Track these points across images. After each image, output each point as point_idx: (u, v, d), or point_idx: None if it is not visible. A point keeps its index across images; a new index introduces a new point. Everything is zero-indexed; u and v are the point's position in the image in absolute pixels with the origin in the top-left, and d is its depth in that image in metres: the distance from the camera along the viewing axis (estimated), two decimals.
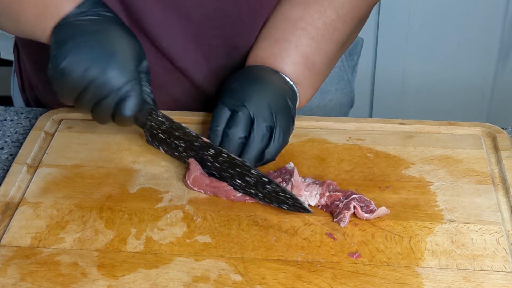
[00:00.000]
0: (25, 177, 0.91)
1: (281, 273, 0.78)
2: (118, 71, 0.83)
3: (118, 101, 0.84)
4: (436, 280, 0.77)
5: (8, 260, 0.80)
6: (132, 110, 0.85)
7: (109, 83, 0.83)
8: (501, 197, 0.88)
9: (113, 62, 0.83)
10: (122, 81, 0.83)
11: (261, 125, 0.87)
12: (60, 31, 0.86)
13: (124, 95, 0.84)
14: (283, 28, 0.94)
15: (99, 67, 0.83)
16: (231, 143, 0.87)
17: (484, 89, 2.06)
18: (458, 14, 1.94)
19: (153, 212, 0.86)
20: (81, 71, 0.83)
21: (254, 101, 0.88)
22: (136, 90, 0.84)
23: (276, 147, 0.88)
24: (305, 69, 0.93)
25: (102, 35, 0.85)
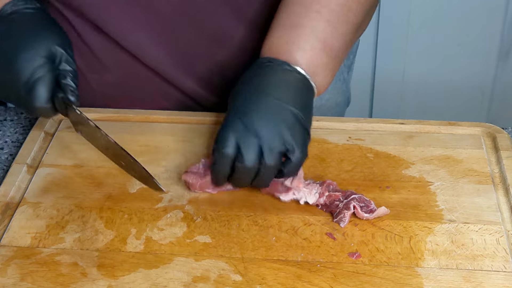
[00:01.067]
0: (25, 177, 0.91)
1: (281, 273, 0.78)
2: (20, 65, 0.85)
3: (27, 93, 0.86)
4: (436, 280, 0.77)
5: (8, 260, 0.80)
6: (39, 100, 0.86)
7: (16, 79, 0.86)
8: (501, 197, 0.88)
9: (18, 56, 0.86)
10: (28, 72, 0.85)
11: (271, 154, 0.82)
12: None
13: (31, 86, 0.85)
14: (297, 13, 0.90)
15: (6, 66, 0.86)
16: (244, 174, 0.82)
17: (484, 89, 2.06)
18: (458, 14, 1.94)
19: (153, 212, 0.86)
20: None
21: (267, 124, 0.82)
22: (44, 79, 0.85)
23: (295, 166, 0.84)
24: (323, 55, 0.89)
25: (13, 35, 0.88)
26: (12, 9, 0.90)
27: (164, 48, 0.99)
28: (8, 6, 0.90)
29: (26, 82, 0.85)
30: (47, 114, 0.88)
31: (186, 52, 1.00)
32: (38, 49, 0.87)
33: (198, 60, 1.02)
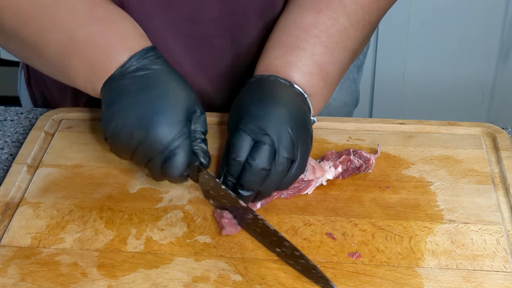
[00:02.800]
0: (25, 177, 0.91)
1: (281, 273, 0.78)
2: (161, 131, 0.80)
3: (164, 161, 0.81)
4: (436, 280, 0.77)
5: (8, 260, 0.80)
6: (178, 169, 0.81)
7: (154, 144, 0.80)
8: (501, 197, 0.88)
9: (157, 121, 0.80)
10: (167, 140, 0.80)
11: (283, 159, 0.82)
12: (107, 91, 0.83)
13: (170, 153, 0.81)
14: (297, 35, 0.91)
15: (143, 129, 0.80)
16: (254, 174, 0.82)
17: (484, 89, 2.06)
18: (458, 14, 1.94)
19: (153, 212, 0.86)
20: (128, 135, 0.81)
21: (277, 130, 0.83)
22: (183, 147, 0.81)
23: (292, 179, 0.85)
24: (320, 80, 0.90)
25: (145, 94, 0.82)
26: (139, 65, 0.83)
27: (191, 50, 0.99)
28: (134, 60, 0.82)
29: (165, 148, 0.80)
30: (180, 181, 0.84)
31: (209, 55, 1.00)
32: (177, 112, 0.81)
33: (217, 63, 1.02)
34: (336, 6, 0.91)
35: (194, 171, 0.83)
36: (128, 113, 0.81)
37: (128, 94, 0.82)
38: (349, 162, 0.90)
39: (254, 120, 0.83)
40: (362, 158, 0.90)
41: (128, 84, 0.82)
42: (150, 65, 0.83)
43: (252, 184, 0.82)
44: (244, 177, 0.82)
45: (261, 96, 0.86)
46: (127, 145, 0.82)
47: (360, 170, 0.90)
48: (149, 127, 0.80)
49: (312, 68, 0.89)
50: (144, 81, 0.82)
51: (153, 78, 0.83)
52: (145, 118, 0.81)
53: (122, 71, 0.82)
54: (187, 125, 0.82)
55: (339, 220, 0.85)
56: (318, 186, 0.89)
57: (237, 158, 0.83)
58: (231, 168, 0.83)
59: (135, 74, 0.82)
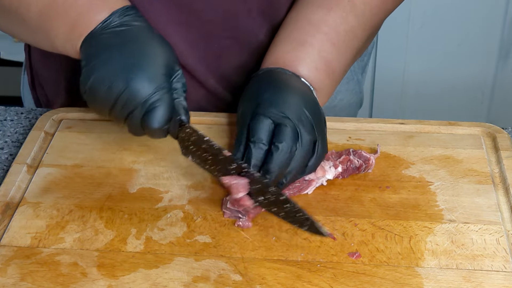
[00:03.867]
0: (25, 177, 0.91)
1: (281, 273, 0.78)
2: (142, 83, 0.80)
3: (145, 113, 0.81)
4: (436, 280, 0.77)
5: (8, 260, 0.80)
6: (159, 122, 0.81)
7: (134, 96, 0.81)
8: (501, 197, 0.88)
9: (137, 74, 0.81)
10: (148, 93, 0.81)
11: (306, 139, 0.84)
12: (87, 47, 0.84)
13: (151, 106, 0.81)
14: (306, 31, 0.92)
15: (122, 82, 0.80)
16: (281, 157, 0.82)
17: (484, 89, 2.06)
18: (458, 14, 1.94)
19: (153, 212, 0.86)
20: (107, 88, 0.81)
21: (296, 113, 0.84)
22: (164, 101, 0.81)
23: (319, 159, 0.86)
24: (326, 76, 0.91)
25: (126, 48, 0.83)
26: (120, 21, 0.84)
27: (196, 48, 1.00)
28: (115, 17, 0.84)
29: (146, 100, 0.81)
30: (159, 136, 0.84)
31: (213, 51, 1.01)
32: (159, 66, 0.82)
33: (221, 59, 1.02)
34: (346, 5, 0.93)
35: (174, 126, 0.84)
36: (108, 65, 0.81)
37: (109, 48, 0.82)
38: (349, 162, 0.90)
39: (272, 105, 0.85)
40: (362, 158, 0.90)
41: (108, 38, 0.83)
42: (130, 21, 0.84)
43: (279, 168, 0.82)
44: (271, 162, 0.82)
45: (274, 85, 0.88)
46: (106, 98, 0.82)
47: (360, 170, 0.90)
48: (129, 79, 0.80)
49: (319, 64, 0.91)
50: (124, 35, 0.83)
51: (133, 33, 0.84)
52: (126, 70, 0.81)
53: (103, 27, 0.83)
54: (167, 80, 0.82)
55: (339, 220, 0.85)
56: (318, 186, 0.89)
57: (257, 141, 0.83)
58: (253, 153, 0.83)
59: (116, 30, 0.83)
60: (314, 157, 0.85)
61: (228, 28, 0.99)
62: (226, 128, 0.99)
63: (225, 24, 0.98)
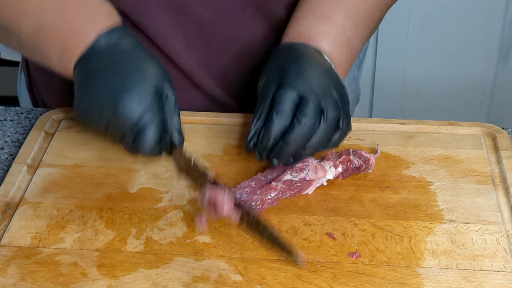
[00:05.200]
0: (25, 177, 0.91)
1: (281, 273, 0.78)
2: (128, 107, 0.80)
3: (135, 137, 0.81)
4: (436, 280, 0.77)
5: (8, 260, 0.80)
6: (149, 145, 0.81)
7: (123, 121, 0.80)
8: (501, 197, 0.88)
9: (123, 99, 0.80)
10: (135, 116, 0.80)
11: (331, 116, 0.84)
12: (77, 72, 0.84)
13: (140, 130, 0.81)
14: (326, 6, 0.92)
15: (110, 107, 0.80)
16: (302, 131, 0.82)
17: (484, 89, 2.06)
18: (458, 14, 1.94)
19: (153, 212, 0.86)
20: (97, 115, 0.81)
21: (323, 89, 0.84)
22: (153, 123, 0.81)
23: (344, 134, 0.86)
24: (346, 52, 0.91)
25: (111, 73, 0.82)
26: (107, 43, 0.83)
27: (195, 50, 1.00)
28: (102, 40, 0.83)
29: (134, 125, 0.80)
30: (153, 157, 0.84)
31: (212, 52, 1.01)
32: (144, 88, 0.81)
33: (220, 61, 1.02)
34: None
35: (166, 148, 0.84)
36: (96, 92, 0.81)
37: (96, 73, 0.82)
38: (349, 162, 0.90)
39: (299, 78, 0.84)
40: (362, 158, 0.90)
41: (95, 63, 0.83)
42: (118, 42, 0.84)
43: (298, 141, 0.82)
44: (291, 134, 0.82)
45: (301, 58, 0.87)
46: (98, 125, 0.82)
47: (360, 170, 0.90)
48: (116, 104, 0.80)
49: (342, 41, 0.91)
50: (111, 58, 0.83)
51: (120, 56, 0.83)
52: (112, 95, 0.81)
53: (90, 50, 0.83)
54: (156, 101, 0.82)
55: (339, 220, 0.85)
56: (318, 186, 0.89)
57: (281, 112, 0.82)
58: (275, 124, 0.83)
59: (103, 53, 0.83)
60: (339, 132, 0.85)
61: (225, 28, 0.98)
62: (226, 128, 0.99)
63: (222, 23, 0.98)
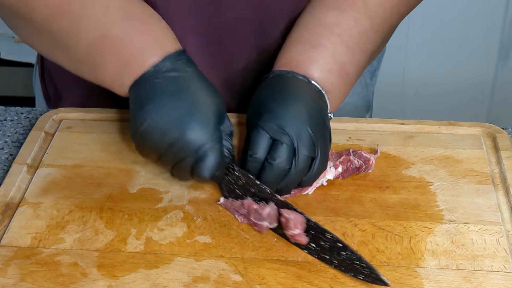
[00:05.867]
0: (25, 177, 0.91)
1: (281, 273, 0.78)
2: (196, 132, 0.81)
3: (196, 161, 0.82)
4: (436, 280, 0.77)
5: (8, 260, 0.80)
6: (210, 170, 0.83)
7: (188, 145, 0.82)
8: (501, 197, 0.88)
9: (192, 124, 0.81)
10: (201, 142, 0.82)
11: (303, 157, 0.83)
12: (139, 89, 0.83)
13: (203, 155, 0.82)
14: (319, 33, 0.91)
15: (177, 130, 0.81)
16: (274, 173, 0.83)
17: (484, 89, 2.06)
18: (458, 14, 1.94)
19: (153, 212, 0.86)
20: (160, 135, 0.81)
21: (296, 129, 0.84)
22: (215, 150, 0.82)
23: (315, 176, 0.86)
24: (339, 78, 0.90)
25: (180, 95, 0.83)
26: (173, 66, 0.83)
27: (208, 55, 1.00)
28: (167, 61, 0.83)
29: (197, 150, 0.82)
30: (206, 182, 0.87)
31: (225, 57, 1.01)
32: (210, 115, 0.83)
33: (230, 66, 1.02)
34: (359, 7, 0.92)
35: (221, 172, 0.85)
36: (162, 112, 0.82)
37: (162, 94, 0.82)
38: (349, 162, 0.90)
39: (273, 118, 0.84)
40: (362, 158, 0.90)
41: (162, 84, 0.83)
42: (183, 67, 0.84)
43: (271, 183, 0.83)
44: (263, 176, 0.83)
45: (280, 94, 0.87)
46: (159, 145, 0.82)
47: (360, 170, 0.90)
48: (184, 128, 0.81)
49: (333, 66, 0.90)
50: (178, 82, 0.83)
51: (187, 80, 0.84)
52: (180, 119, 0.81)
53: (156, 70, 0.83)
54: (218, 129, 0.84)
55: (339, 220, 0.85)
56: (318, 186, 0.89)
57: (254, 155, 0.84)
58: (249, 166, 0.84)
59: (169, 75, 0.83)
60: (309, 174, 0.85)
61: (234, 34, 0.98)
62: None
63: (232, 29, 0.98)
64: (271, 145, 0.84)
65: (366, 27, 0.92)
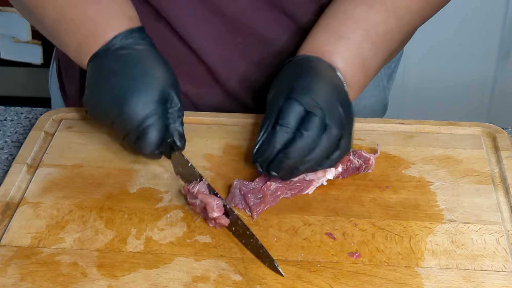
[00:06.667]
0: (25, 177, 0.91)
1: None
2: (134, 109, 0.85)
3: (137, 137, 0.85)
4: (436, 280, 0.77)
5: (8, 260, 0.80)
6: (150, 146, 0.85)
7: (127, 121, 0.85)
8: (501, 197, 0.88)
9: (131, 100, 0.85)
10: (139, 118, 0.84)
11: (333, 134, 0.84)
12: (90, 68, 0.89)
13: (143, 131, 0.85)
14: (347, 25, 0.92)
15: (117, 107, 0.85)
16: (303, 145, 0.83)
17: (484, 89, 2.06)
18: (458, 14, 1.94)
19: (153, 212, 0.86)
20: (104, 112, 0.87)
21: (329, 105, 0.84)
22: (156, 126, 0.85)
23: (339, 156, 0.86)
24: (360, 72, 0.91)
25: (122, 74, 0.86)
26: (122, 44, 0.88)
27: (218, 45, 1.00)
28: (117, 40, 0.88)
29: (138, 126, 0.85)
30: (153, 158, 0.89)
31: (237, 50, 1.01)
32: (151, 92, 0.85)
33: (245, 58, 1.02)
34: (388, 6, 0.93)
35: (166, 149, 0.87)
36: (106, 90, 0.86)
37: (108, 72, 0.87)
38: (349, 162, 0.90)
39: (307, 92, 0.85)
40: (361, 158, 0.90)
41: (109, 62, 0.87)
42: (132, 45, 0.88)
43: (298, 154, 0.83)
44: (291, 146, 0.83)
45: (311, 72, 0.88)
46: (104, 121, 0.88)
47: (360, 170, 0.90)
48: (123, 105, 0.85)
49: (356, 60, 0.91)
50: (124, 60, 0.87)
51: (133, 58, 0.87)
52: (120, 96, 0.85)
53: (106, 49, 0.88)
54: (161, 105, 0.86)
55: (339, 220, 0.85)
56: (318, 186, 0.89)
57: (285, 125, 0.83)
58: (278, 136, 0.84)
59: (117, 53, 0.87)
60: (338, 151, 0.85)
61: (250, 24, 0.98)
62: (226, 128, 0.99)
63: (247, 19, 0.98)
64: (302, 118, 0.84)
65: (392, 26, 0.93)
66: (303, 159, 0.83)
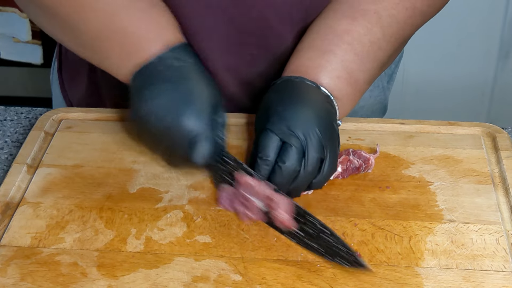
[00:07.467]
0: (25, 177, 0.91)
1: (281, 273, 0.78)
2: (191, 119, 0.83)
3: (191, 148, 0.84)
4: (436, 280, 0.77)
5: (8, 260, 0.80)
6: (203, 157, 0.84)
7: (183, 131, 0.83)
8: (501, 197, 0.88)
9: (187, 111, 0.83)
10: (195, 129, 0.83)
11: (312, 158, 0.84)
12: (140, 79, 0.86)
13: (197, 142, 0.84)
14: (329, 40, 0.92)
15: (173, 116, 0.83)
16: (284, 176, 0.83)
17: (484, 89, 2.06)
18: (457, 14, 1.94)
19: (153, 212, 0.86)
20: (157, 119, 0.84)
21: (305, 130, 0.84)
22: (209, 137, 0.84)
23: (325, 178, 0.86)
24: (347, 85, 0.91)
25: (178, 83, 0.85)
26: (176, 56, 0.87)
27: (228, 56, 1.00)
28: (170, 52, 0.86)
29: (192, 137, 0.83)
30: (199, 169, 0.89)
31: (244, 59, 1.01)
32: (206, 105, 0.85)
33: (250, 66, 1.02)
34: (371, 16, 0.92)
35: (215, 160, 0.86)
36: (161, 98, 0.84)
37: (162, 81, 0.85)
38: (348, 162, 0.90)
39: (282, 121, 0.85)
40: (361, 158, 0.90)
41: (163, 72, 0.86)
42: (185, 58, 0.87)
43: (281, 185, 0.84)
44: (273, 178, 0.84)
45: (289, 97, 0.88)
46: (156, 129, 0.84)
47: (360, 170, 0.90)
48: (179, 115, 0.83)
49: (341, 73, 0.90)
50: (178, 71, 0.86)
51: (187, 71, 0.87)
52: (177, 105, 0.84)
53: (159, 60, 0.86)
54: (213, 118, 0.85)
55: (339, 220, 0.85)
56: None
57: (264, 157, 0.84)
58: (259, 168, 0.85)
59: (171, 65, 0.86)
60: (319, 175, 0.85)
61: (260, 37, 0.98)
62: (226, 128, 0.99)
63: (258, 32, 0.98)
64: (280, 148, 0.84)
65: (377, 36, 0.93)
66: (287, 187, 0.84)
